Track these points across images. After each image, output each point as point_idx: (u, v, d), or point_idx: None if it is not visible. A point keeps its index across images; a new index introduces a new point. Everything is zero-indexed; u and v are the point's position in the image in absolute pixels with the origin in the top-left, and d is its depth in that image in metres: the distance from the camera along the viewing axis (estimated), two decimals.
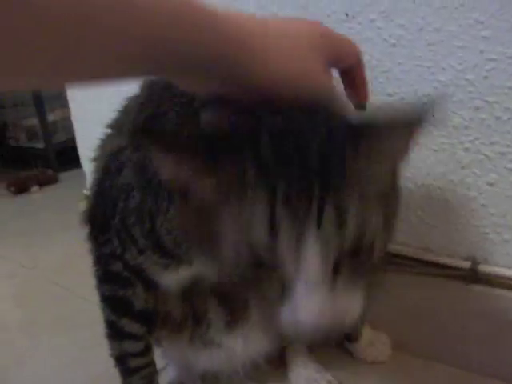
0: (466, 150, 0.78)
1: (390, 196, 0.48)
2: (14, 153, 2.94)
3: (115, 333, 0.73)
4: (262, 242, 0.42)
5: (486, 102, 0.75)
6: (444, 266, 0.85)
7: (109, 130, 0.72)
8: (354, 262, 0.45)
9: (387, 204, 0.47)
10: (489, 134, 0.76)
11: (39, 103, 2.59)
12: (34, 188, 2.35)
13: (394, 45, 0.80)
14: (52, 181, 2.44)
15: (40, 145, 2.70)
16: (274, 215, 0.42)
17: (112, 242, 0.67)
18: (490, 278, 0.81)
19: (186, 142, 0.45)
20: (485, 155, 0.77)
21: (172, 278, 0.69)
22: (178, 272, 0.67)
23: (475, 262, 0.82)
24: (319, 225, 0.41)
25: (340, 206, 0.42)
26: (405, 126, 0.46)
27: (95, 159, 0.73)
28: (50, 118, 2.67)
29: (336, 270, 0.44)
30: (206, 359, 0.81)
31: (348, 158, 0.43)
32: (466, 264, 0.83)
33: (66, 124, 2.82)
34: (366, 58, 0.59)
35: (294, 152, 0.43)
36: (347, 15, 0.83)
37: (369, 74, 0.61)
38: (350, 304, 0.46)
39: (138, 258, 0.66)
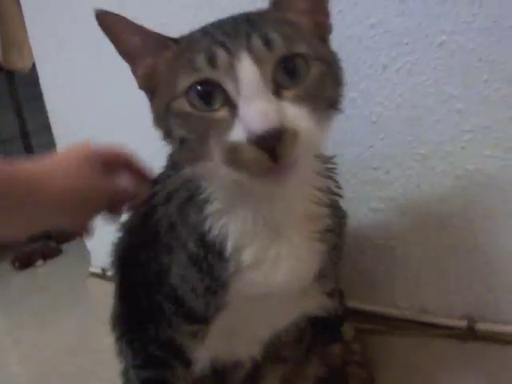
0: None
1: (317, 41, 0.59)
2: None
3: None
4: (204, 72, 0.53)
5: (467, 170, 0.79)
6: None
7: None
8: (296, 92, 0.52)
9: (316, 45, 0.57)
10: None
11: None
12: (39, 262, 2.37)
13: (374, 122, 0.85)
14: (56, 253, 2.46)
15: None
16: (211, 51, 0.52)
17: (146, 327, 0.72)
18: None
19: None
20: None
21: (202, 351, 0.73)
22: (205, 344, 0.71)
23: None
24: (250, 47, 0.52)
25: (264, 32, 0.53)
26: None
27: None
28: None
29: (280, 94, 0.52)
30: None
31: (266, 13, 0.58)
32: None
33: None
34: (350, 135, 0.64)
35: (228, 22, 0.57)
36: None
37: (355, 150, 0.66)
38: (298, 119, 0.51)
39: (168, 330, 0.71)
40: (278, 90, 0.52)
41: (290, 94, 0.52)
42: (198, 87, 0.53)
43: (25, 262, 2.38)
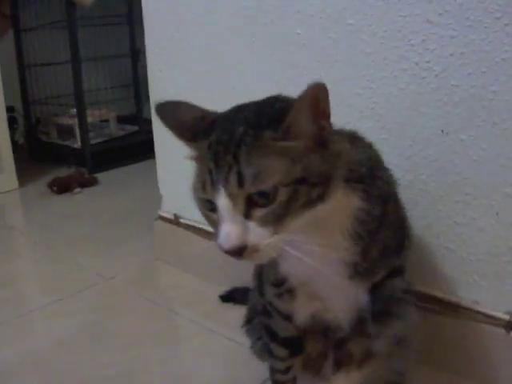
0: None
1: (310, 161, 0.70)
2: (44, 148, 3.08)
3: (268, 352, 1.00)
4: (200, 193, 0.73)
5: None
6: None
7: None
8: (263, 212, 0.68)
9: (301, 166, 0.69)
10: None
11: (80, 103, 2.74)
12: (77, 189, 2.52)
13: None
14: (93, 183, 2.60)
15: (76, 144, 2.86)
16: (204, 178, 0.71)
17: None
18: None
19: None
20: None
21: (296, 309, 0.94)
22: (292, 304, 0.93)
23: None
24: (226, 183, 0.67)
25: (240, 171, 0.67)
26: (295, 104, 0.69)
27: None
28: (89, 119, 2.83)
29: (248, 215, 0.68)
30: None
31: (256, 138, 0.69)
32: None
33: (101, 125, 3.00)
34: None
35: (226, 138, 0.70)
36: None
37: None
38: (259, 237, 0.68)
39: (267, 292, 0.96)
40: (249, 211, 0.68)
41: (259, 214, 0.68)
42: None
43: (63, 187, 2.51)
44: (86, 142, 2.78)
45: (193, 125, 0.76)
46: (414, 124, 1.11)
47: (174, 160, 1.61)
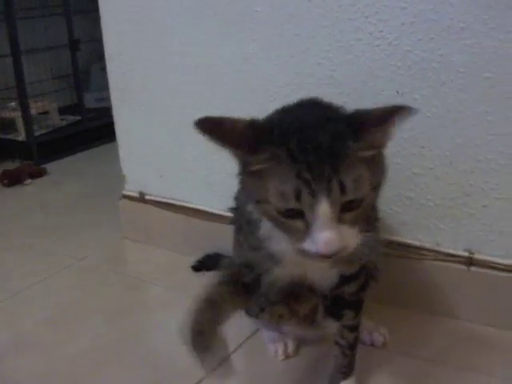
0: None
1: (377, 169, 0.76)
2: None
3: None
4: (291, 203, 0.71)
5: None
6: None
7: None
8: (352, 215, 0.72)
9: (374, 174, 0.74)
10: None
11: (22, 96, 2.72)
12: (27, 181, 2.51)
13: None
14: (42, 173, 2.61)
15: (20, 137, 2.84)
16: (298, 188, 0.70)
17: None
18: None
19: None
20: None
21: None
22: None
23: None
24: (329, 192, 0.69)
25: (341, 180, 0.70)
26: (385, 118, 0.72)
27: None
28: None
29: (340, 219, 0.71)
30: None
31: (346, 148, 0.71)
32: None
33: (41, 118, 2.98)
34: None
35: (312, 147, 0.71)
36: None
37: None
38: (350, 238, 0.74)
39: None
40: (341, 216, 0.72)
41: (348, 217, 0.72)
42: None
43: (13, 180, 2.50)
44: (31, 134, 2.77)
45: (244, 136, 0.74)
46: (370, 88, 1.23)
47: (136, 141, 1.69)
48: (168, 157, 1.63)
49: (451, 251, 1.24)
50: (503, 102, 1.11)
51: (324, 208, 0.70)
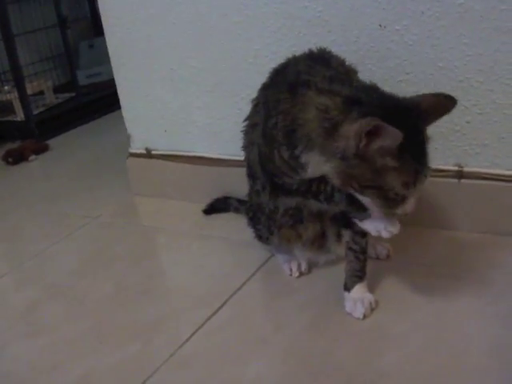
0: None
1: None
2: None
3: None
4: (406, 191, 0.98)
5: None
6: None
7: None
8: None
9: None
10: None
11: (18, 77, 2.81)
12: (32, 157, 2.60)
13: None
14: (45, 149, 2.69)
15: (19, 117, 2.92)
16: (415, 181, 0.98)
17: None
18: None
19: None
20: None
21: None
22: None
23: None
24: (421, 182, 0.99)
25: (426, 174, 0.99)
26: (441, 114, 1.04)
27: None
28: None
29: None
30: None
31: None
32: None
33: (35, 98, 3.07)
34: None
35: (419, 143, 0.99)
36: None
37: None
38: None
39: None
40: None
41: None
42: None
43: (18, 158, 2.58)
44: (30, 113, 2.85)
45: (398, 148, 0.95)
46: (355, 23, 1.34)
47: (139, 101, 1.79)
48: (170, 111, 1.73)
49: (443, 167, 1.36)
50: (476, 24, 1.22)
51: (420, 187, 0.99)
